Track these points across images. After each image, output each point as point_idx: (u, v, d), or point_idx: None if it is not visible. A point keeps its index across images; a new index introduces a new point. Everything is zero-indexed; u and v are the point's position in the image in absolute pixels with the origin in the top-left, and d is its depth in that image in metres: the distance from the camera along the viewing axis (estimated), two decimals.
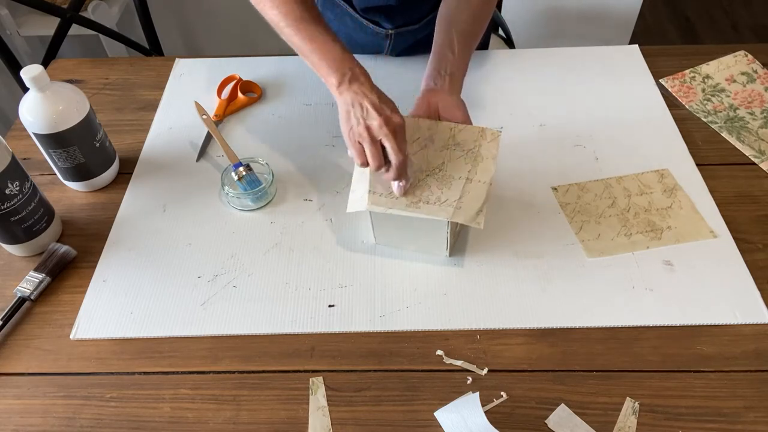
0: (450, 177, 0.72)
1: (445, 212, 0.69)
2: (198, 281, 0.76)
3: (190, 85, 1.04)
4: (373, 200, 0.71)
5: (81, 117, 0.80)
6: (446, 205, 0.70)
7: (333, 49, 0.72)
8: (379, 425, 0.64)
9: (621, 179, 0.85)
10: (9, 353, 0.71)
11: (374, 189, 0.71)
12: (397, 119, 0.69)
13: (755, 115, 0.95)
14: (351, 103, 0.70)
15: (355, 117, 0.70)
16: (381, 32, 1.00)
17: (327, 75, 0.72)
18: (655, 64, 1.03)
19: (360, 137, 0.69)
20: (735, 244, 0.77)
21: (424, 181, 0.72)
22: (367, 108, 0.69)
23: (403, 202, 0.70)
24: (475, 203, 0.70)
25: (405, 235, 0.76)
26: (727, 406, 0.64)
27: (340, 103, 0.72)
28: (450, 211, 0.69)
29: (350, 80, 0.71)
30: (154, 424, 0.65)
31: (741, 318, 0.71)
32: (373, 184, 0.72)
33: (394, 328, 0.71)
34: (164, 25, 1.96)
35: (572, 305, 0.72)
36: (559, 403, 0.65)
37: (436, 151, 0.74)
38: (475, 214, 0.70)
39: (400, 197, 0.71)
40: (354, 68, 0.72)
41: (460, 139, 0.74)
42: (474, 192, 0.71)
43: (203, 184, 0.88)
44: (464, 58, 0.80)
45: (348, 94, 0.71)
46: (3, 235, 0.77)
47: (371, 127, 0.69)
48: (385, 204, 0.70)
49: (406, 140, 0.71)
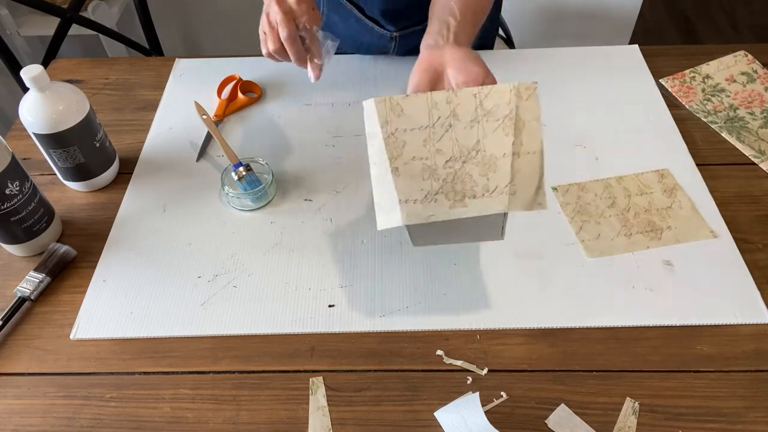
0: (492, 157, 0.58)
1: (499, 203, 0.58)
2: (198, 281, 0.76)
3: (190, 85, 1.04)
4: (409, 211, 0.58)
5: (81, 117, 0.80)
6: (497, 193, 0.58)
7: None
8: (379, 425, 0.64)
9: (621, 179, 0.85)
10: (9, 353, 0.71)
11: (405, 197, 0.59)
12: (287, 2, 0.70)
13: (755, 115, 0.95)
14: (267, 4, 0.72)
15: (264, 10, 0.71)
16: (386, 34, 1.00)
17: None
18: (655, 64, 1.03)
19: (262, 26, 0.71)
20: (735, 244, 0.77)
21: (462, 170, 0.59)
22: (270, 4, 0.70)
23: (444, 204, 0.58)
24: (531, 181, 0.58)
25: (450, 234, 0.66)
26: (727, 406, 0.64)
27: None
28: (504, 199, 0.58)
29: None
30: (154, 424, 0.65)
31: (741, 318, 0.71)
32: (402, 191, 0.59)
33: (394, 328, 0.71)
34: (164, 25, 1.96)
35: (572, 305, 0.72)
36: (559, 403, 0.65)
37: (465, 129, 0.60)
38: (534, 195, 0.58)
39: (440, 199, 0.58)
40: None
41: (490, 106, 0.59)
42: (526, 167, 0.59)
43: (203, 184, 0.88)
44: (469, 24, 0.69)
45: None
46: (3, 235, 0.77)
47: (270, 13, 0.70)
48: (424, 212, 0.58)
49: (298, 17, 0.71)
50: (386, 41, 1.02)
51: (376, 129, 0.60)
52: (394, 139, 0.59)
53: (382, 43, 1.02)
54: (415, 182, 0.59)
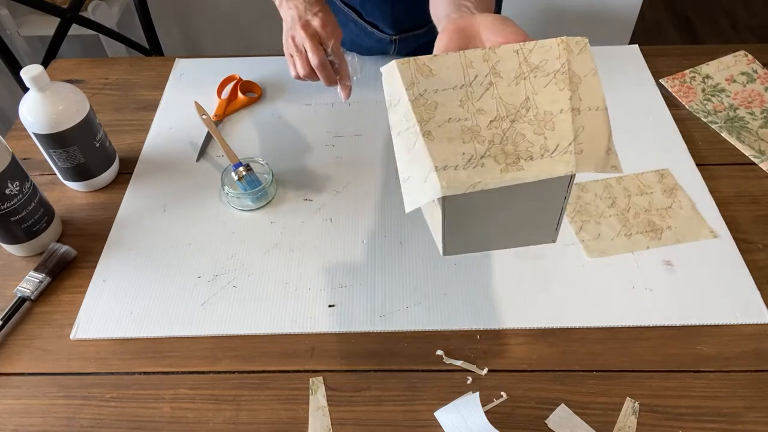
0: (548, 114, 0.49)
1: (566, 163, 0.47)
2: (198, 281, 0.76)
3: (190, 85, 1.04)
4: (449, 179, 0.46)
5: (81, 117, 0.80)
6: (559, 152, 0.47)
7: None
8: (379, 425, 0.64)
9: (621, 179, 0.85)
10: (9, 353, 0.71)
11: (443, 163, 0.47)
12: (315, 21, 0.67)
13: (755, 115, 0.95)
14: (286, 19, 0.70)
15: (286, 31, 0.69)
16: (386, 38, 1.00)
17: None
18: (655, 64, 1.03)
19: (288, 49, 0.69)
20: (735, 244, 0.77)
21: (511, 129, 0.49)
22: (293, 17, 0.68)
23: (494, 169, 0.47)
24: (599, 140, 0.48)
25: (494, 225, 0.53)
26: (727, 406, 0.64)
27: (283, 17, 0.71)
28: (571, 159, 0.47)
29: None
30: (154, 424, 0.65)
31: (741, 318, 0.71)
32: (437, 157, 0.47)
33: (394, 328, 0.71)
34: (164, 25, 1.96)
35: (572, 305, 0.72)
36: (559, 403, 0.65)
37: (510, 86, 0.51)
38: (605, 155, 0.48)
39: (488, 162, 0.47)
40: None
41: (537, 61, 0.51)
42: (591, 124, 0.49)
43: (203, 184, 0.88)
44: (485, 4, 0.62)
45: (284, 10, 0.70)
46: (3, 235, 0.77)
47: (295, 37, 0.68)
48: (468, 180, 0.46)
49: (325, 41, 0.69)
50: (386, 44, 1.02)
51: (399, 94, 0.51)
52: (424, 100, 0.50)
53: (382, 47, 1.02)
54: (453, 146, 0.48)
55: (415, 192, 0.48)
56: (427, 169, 0.47)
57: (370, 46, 1.03)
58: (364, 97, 0.99)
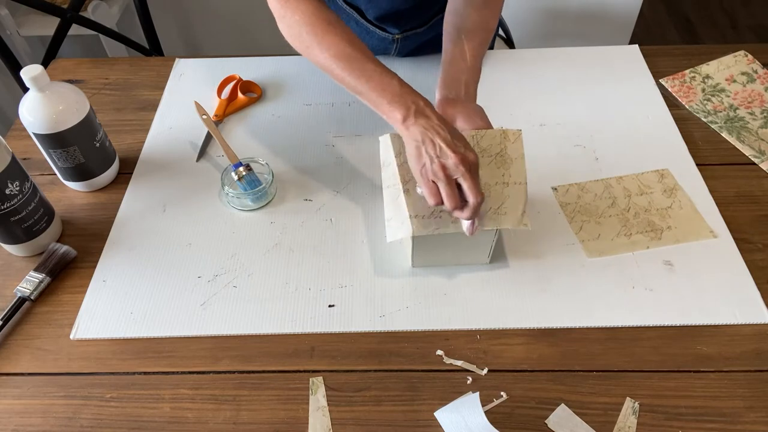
0: (486, 185, 0.70)
1: (493, 221, 0.69)
2: (198, 281, 0.76)
3: (190, 85, 1.04)
4: (418, 224, 0.69)
5: (81, 117, 0.80)
6: (491, 213, 0.69)
7: (391, 84, 0.70)
8: (379, 425, 0.64)
9: (621, 179, 0.85)
10: (9, 353, 0.71)
11: (415, 213, 0.69)
12: (472, 157, 0.65)
13: (755, 115, 0.95)
14: (421, 140, 0.66)
15: (428, 155, 0.66)
16: (388, 37, 1.00)
17: (389, 111, 0.69)
18: (655, 64, 1.03)
19: (435, 176, 0.65)
20: (735, 244, 0.77)
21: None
22: (440, 145, 0.65)
23: (447, 221, 0.69)
24: (517, 206, 0.70)
25: (446, 252, 0.75)
26: (727, 406, 0.64)
27: (407, 139, 0.68)
28: (497, 219, 0.69)
29: (416, 114, 0.68)
30: (154, 424, 0.65)
31: (741, 318, 0.71)
32: (413, 208, 0.69)
33: (394, 328, 0.71)
34: (164, 25, 1.96)
35: (572, 305, 0.72)
36: (559, 403, 0.65)
37: None
38: (520, 216, 0.70)
39: (444, 216, 0.69)
40: (417, 101, 0.69)
41: (485, 145, 0.71)
42: (513, 195, 0.70)
43: (203, 184, 0.88)
44: (477, 64, 0.78)
45: (416, 129, 0.67)
46: (3, 235, 0.77)
47: (446, 166, 0.65)
48: (430, 226, 0.69)
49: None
50: (387, 44, 1.02)
51: (390, 158, 0.72)
52: (406, 166, 0.70)
53: (384, 46, 1.02)
54: (423, 201, 0.69)
55: (394, 229, 0.70)
56: (405, 216, 0.69)
57: (372, 46, 1.03)
58: None
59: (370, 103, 0.72)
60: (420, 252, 0.74)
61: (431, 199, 0.66)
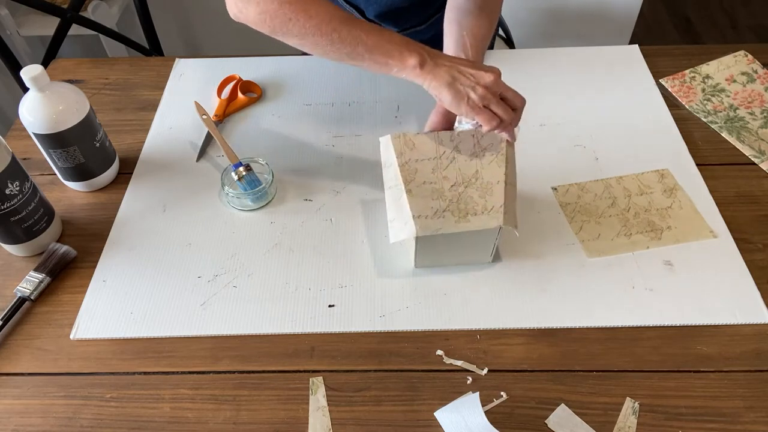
0: (489, 183, 0.70)
1: (496, 219, 0.69)
2: (198, 281, 0.76)
3: (190, 85, 1.04)
4: (421, 224, 0.68)
5: (81, 117, 0.80)
6: (494, 212, 0.69)
7: (393, 36, 0.68)
8: (379, 425, 0.64)
9: (621, 179, 0.85)
10: (9, 353, 0.71)
11: (418, 213, 0.69)
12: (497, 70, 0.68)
13: (755, 115, 0.95)
14: (452, 77, 0.66)
15: (467, 87, 0.66)
16: None
17: (400, 61, 0.67)
18: (655, 64, 1.03)
19: (485, 101, 0.66)
20: (735, 244, 0.77)
21: (464, 193, 0.70)
22: (471, 73, 0.66)
23: (451, 219, 0.69)
24: (514, 204, 0.71)
25: (449, 252, 0.74)
26: (727, 406, 0.64)
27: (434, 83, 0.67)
28: (501, 217, 0.69)
29: (431, 56, 0.67)
30: (154, 424, 0.65)
31: (741, 318, 0.71)
32: (415, 208, 0.69)
33: (394, 328, 0.71)
34: (164, 25, 1.96)
35: (572, 305, 0.72)
36: (559, 403, 0.65)
37: (466, 162, 0.71)
38: (515, 216, 0.71)
39: (447, 216, 0.69)
40: (424, 46, 0.68)
41: (486, 144, 0.72)
42: (511, 194, 0.71)
43: (203, 184, 0.88)
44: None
45: (440, 70, 0.67)
46: (3, 235, 0.77)
47: (489, 86, 0.66)
48: (433, 226, 0.68)
49: None
50: None
51: (392, 159, 0.72)
52: (408, 167, 0.71)
53: None
54: (425, 201, 0.69)
55: (397, 230, 0.70)
56: (408, 216, 0.69)
57: None
58: (364, 97, 0.99)
59: (373, 60, 0.68)
60: (423, 252, 0.74)
61: (491, 122, 0.67)
